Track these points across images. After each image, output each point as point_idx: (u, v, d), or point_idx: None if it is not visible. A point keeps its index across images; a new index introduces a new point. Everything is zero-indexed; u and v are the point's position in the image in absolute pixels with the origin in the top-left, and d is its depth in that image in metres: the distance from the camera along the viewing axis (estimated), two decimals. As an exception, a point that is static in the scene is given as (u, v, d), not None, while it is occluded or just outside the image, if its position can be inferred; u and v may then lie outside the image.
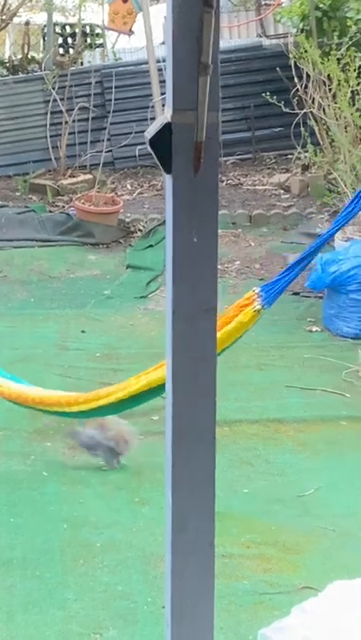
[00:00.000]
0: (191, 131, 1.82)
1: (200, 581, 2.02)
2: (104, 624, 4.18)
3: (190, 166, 1.85)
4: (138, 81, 13.13)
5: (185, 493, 1.99)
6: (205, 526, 2.01)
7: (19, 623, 4.17)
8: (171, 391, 1.98)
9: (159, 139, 1.84)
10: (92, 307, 8.61)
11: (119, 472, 5.54)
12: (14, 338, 7.67)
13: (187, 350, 1.97)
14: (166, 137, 1.83)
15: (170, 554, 2.01)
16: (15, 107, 13.30)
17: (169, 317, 1.96)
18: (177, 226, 1.91)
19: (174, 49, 1.79)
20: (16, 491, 5.30)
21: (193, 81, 1.78)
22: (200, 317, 1.95)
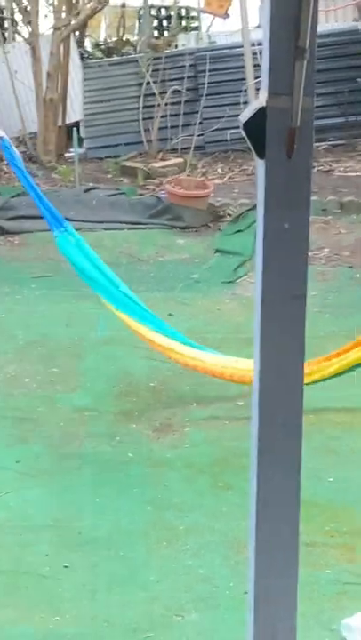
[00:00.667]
0: (286, 116, 1.80)
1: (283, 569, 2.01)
2: (186, 607, 4.19)
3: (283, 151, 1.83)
4: (231, 64, 13.08)
5: (270, 480, 1.98)
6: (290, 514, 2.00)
7: (102, 602, 4.21)
8: (258, 377, 1.96)
9: (253, 123, 1.83)
10: (179, 290, 8.63)
11: (204, 456, 5.55)
12: (102, 320, 7.72)
13: (275, 337, 1.95)
14: (260, 121, 1.82)
15: (253, 540, 2.00)
16: (109, 89, 13.37)
17: (257, 303, 1.95)
18: (268, 211, 1.90)
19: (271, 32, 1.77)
20: (102, 471, 5.35)
21: (289, 65, 1.76)
22: (289, 304, 1.94)
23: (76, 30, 13.79)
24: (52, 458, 5.48)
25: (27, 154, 13.23)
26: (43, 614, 4.10)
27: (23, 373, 6.56)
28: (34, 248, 9.81)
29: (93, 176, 12.57)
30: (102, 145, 13.42)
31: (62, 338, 7.17)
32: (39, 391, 6.33)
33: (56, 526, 4.78)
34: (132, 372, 6.58)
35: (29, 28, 13.12)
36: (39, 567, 4.43)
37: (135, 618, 4.11)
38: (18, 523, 4.79)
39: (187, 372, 6.59)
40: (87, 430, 5.82)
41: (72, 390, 6.27)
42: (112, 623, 4.07)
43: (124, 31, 16.07)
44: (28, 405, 6.11)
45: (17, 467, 5.34)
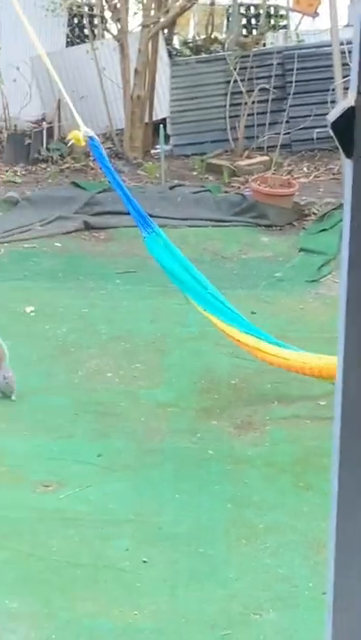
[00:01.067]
0: (375, 115, 1.79)
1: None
2: (264, 605, 4.19)
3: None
4: (319, 63, 12.99)
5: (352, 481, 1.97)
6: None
7: (181, 598, 4.23)
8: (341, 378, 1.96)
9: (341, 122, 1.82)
10: (262, 288, 8.62)
11: (285, 455, 5.54)
12: (186, 316, 7.74)
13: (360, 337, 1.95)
14: (349, 121, 1.81)
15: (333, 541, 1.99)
16: (196, 87, 13.40)
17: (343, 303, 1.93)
18: (355, 211, 1.89)
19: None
20: (182, 468, 5.37)
21: (379, 64, 1.75)
22: (375, 304, 1.92)
23: (164, 28, 13.84)
24: (133, 453, 5.52)
25: (113, 150, 13.33)
26: (122, 608, 4.13)
27: (106, 368, 6.61)
28: (119, 244, 9.89)
29: (179, 173, 12.61)
30: (188, 142, 13.45)
31: (146, 333, 7.21)
32: (122, 386, 6.37)
33: (137, 521, 4.81)
34: (215, 368, 6.59)
35: (118, 26, 13.20)
36: (119, 561, 4.47)
37: (213, 615, 4.12)
38: (99, 516, 4.83)
39: (268, 370, 6.59)
40: (169, 426, 5.85)
41: (155, 386, 6.31)
42: (190, 619, 4.09)
43: (213, 29, 16.06)
44: (110, 400, 6.16)
45: (99, 461, 5.39)
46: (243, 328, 5.81)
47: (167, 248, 5.98)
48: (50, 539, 4.61)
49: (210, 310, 5.90)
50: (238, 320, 5.85)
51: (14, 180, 11.96)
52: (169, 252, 5.99)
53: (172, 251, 5.99)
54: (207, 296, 5.93)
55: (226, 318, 5.87)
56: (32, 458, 5.39)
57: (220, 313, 5.88)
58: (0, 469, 5.23)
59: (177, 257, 5.99)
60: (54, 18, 14.36)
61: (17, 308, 7.64)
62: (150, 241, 5.99)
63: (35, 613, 4.06)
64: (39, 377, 6.43)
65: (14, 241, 9.75)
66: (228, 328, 5.85)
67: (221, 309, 5.89)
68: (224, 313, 5.88)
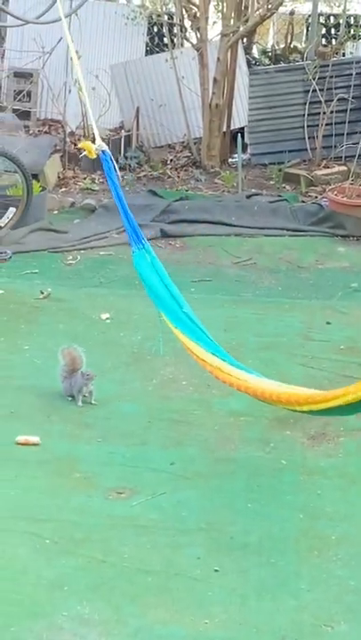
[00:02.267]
0: None
1: None
2: (336, 617, 4.16)
3: None
4: None
5: None
6: None
7: (252, 608, 4.21)
8: None
9: None
10: (338, 299, 8.57)
11: (358, 466, 5.50)
12: (260, 325, 7.74)
13: None
14: None
15: None
16: (274, 96, 13.40)
17: None
18: None
19: None
20: (254, 477, 5.36)
21: None
22: None
23: (243, 37, 13.87)
24: (206, 461, 5.52)
25: (191, 159, 13.39)
26: (192, 617, 4.13)
27: (180, 376, 6.62)
28: (194, 252, 9.91)
29: (256, 182, 12.61)
30: (266, 151, 13.44)
31: (220, 342, 7.17)
32: (195, 394, 6.38)
33: (208, 529, 4.81)
34: (289, 378, 6.54)
35: (198, 35, 13.25)
36: (190, 570, 4.47)
37: (284, 625, 4.10)
38: (170, 524, 4.83)
39: (343, 380, 6.53)
40: (242, 435, 5.84)
41: (228, 394, 6.29)
42: (261, 630, 4.07)
43: (292, 38, 16.05)
44: (183, 408, 6.17)
45: (171, 468, 5.40)
46: (208, 348, 5.83)
47: (153, 265, 6.08)
48: (122, 546, 4.63)
49: (180, 327, 5.95)
50: (205, 340, 5.88)
51: (92, 188, 12.07)
52: (154, 269, 6.08)
53: (157, 268, 6.09)
54: (181, 315, 5.98)
55: (193, 337, 5.89)
56: (105, 465, 5.42)
57: (189, 331, 5.91)
58: (73, 476, 5.26)
59: (160, 274, 6.08)
60: (134, 26, 14.49)
61: (92, 315, 7.70)
62: (138, 256, 6.10)
63: (106, 620, 4.08)
64: (113, 384, 6.47)
65: (91, 248, 9.83)
66: (193, 346, 5.87)
67: (191, 328, 5.93)
68: (193, 332, 5.91)
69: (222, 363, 5.71)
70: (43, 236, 9.98)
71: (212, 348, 5.81)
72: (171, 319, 5.99)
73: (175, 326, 5.97)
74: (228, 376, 5.63)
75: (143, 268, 6.11)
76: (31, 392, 6.29)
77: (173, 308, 6.00)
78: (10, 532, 4.68)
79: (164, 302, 6.04)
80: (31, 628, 3.99)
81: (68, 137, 12.90)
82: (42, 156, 11.60)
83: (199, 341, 5.86)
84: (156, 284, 6.08)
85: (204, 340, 5.87)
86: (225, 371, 5.66)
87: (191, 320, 5.96)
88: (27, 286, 8.39)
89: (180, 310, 5.99)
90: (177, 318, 5.97)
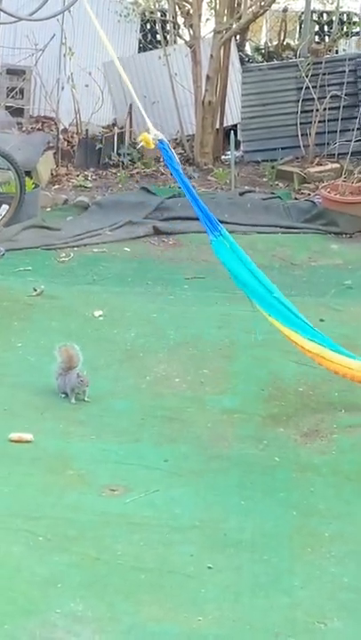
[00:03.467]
0: None
1: None
2: (329, 614, 4.17)
3: None
4: (393, 70, 12.92)
5: None
6: None
7: (245, 605, 4.22)
8: None
9: None
10: (331, 296, 8.58)
11: (351, 463, 5.50)
12: (253, 323, 7.73)
13: None
14: None
15: None
16: (267, 93, 13.40)
17: None
18: None
19: None
20: (248, 474, 5.36)
21: None
22: None
23: (236, 34, 13.86)
24: (199, 458, 5.52)
25: (184, 156, 13.38)
26: (186, 614, 4.13)
27: (173, 374, 6.62)
28: (187, 249, 9.91)
29: (249, 179, 12.62)
30: (259, 148, 13.44)
31: (213, 339, 7.21)
32: (189, 392, 6.38)
33: (202, 527, 4.81)
34: (282, 375, 6.57)
35: (191, 32, 13.24)
36: (184, 567, 4.47)
37: (278, 622, 4.10)
38: (164, 522, 4.84)
39: (336, 378, 6.54)
40: (235, 432, 5.85)
41: (221, 392, 6.31)
42: (254, 627, 4.07)
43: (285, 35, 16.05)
44: (177, 405, 6.17)
45: (165, 466, 5.40)
46: (307, 335, 5.78)
47: (234, 251, 5.97)
48: (115, 543, 4.63)
49: (274, 315, 5.87)
50: (303, 326, 5.81)
51: (85, 185, 12.06)
52: (235, 255, 5.98)
53: (239, 254, 5.98)
54: (273, 301, 5.89)
55: (290, 324, 5.83)
56: (99, 462, 5.42)
57: (284, 318, 5.85)
58: (67, 473, 5.26)
59: (244, 260, 5.98)
60: (127, 23, 14.48)
61: (85, 313, 7.70)
62: (217, 244, 6.00)
63: (99, 617, 4.08)
64: (107, 381, 6.47)
65: (84, 245, 9.83)
66: (292, 334, 5.82)
67: (286, 315, 5.86)
68: (288, 318, 5.85)
69: (324, 349, 5.67)
70: (36, 233, 9.97)
71: (310, 334, 5.76)
72: (263, 307, 5.91)
73: (269, 314, 5.88)
74: (332, 363, 5.61)
75: (224, 255, 6.02)
76: (24, 389, 6.29)
77: (263, 294, 5.92)
78: (3, 530, 4.68)
79: (253, 289, 5.95)
80: (24, 626, 3.99)
81: (61, 134, 12.88)
82: (35, 154, 11.58)
83: (296, 328, 5.80)
84: (241, 271, 5.97)
85: (301, 325, 5.81)
86: (327, 358, 5.64)
87: (284, 305, 5.87)
88: (20, 283, 8.38)
89: (271, 296, 5.91)
90: (269, 305, 5.88)
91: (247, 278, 5.92)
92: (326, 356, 5.64)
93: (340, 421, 5.96)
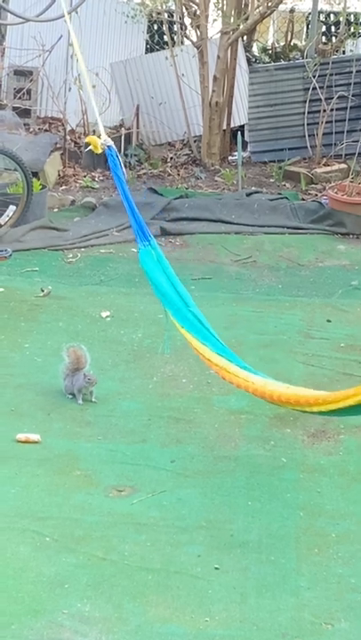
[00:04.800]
0: None
1: None
2: (336, 615, 4.17)
3: None
4: None
5: None
6: None
7: (252, 606, 4.22)
8: None
9: None
10: (338, 296, 8.58)
11: (358, 464, 5.50)
12: (260, 323, 7.74)
13: None
14: None
15: None
16: (274, 94, 13.40)
17: None
18: None
19: None
20: (255, 475, 5.36)
21: None
22: None
23: (243, 35, 13.85)
24: (206, 459, 5.52)
25: (191, 157, 13.39)
26: (193, 614, 4.14)
27: (180, 374, 6.63)
28: (194, 250, 9.91)
29: (256, 180, 12.62)
30: (266, 149, 13.44)
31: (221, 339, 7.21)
32: (196, 392, 6.39)
33: (208, 527, 4.82)
34: (289, 376, 6.56)
35: (198, 33, 13.25)
36: (191, 567, 4.48)
37: (284, 623, 4.11)
38: (171, 522, 4.84)
39: (343, 378, 6.57)
40: (242, 433, 5.85)
41: (228, 392, 6.30)
42: (261, 627, 4.08)
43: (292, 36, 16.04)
44: (184, 406, 6.18)
45: (172, 466, 5.41)
46: (215, 348, 5.80)
47: (159, 262, 6.02)
48: (122, 543, 4.63)
49: (186, 327, 5.91)
50: (212, 340, 5.84)
51: (92, 186, 12.07)
52: (160, 266, 6.03)
53: (164, 266, 6.04)
54: (187, 313, 5.94)
55: (200, 337, 5.86)
56: (105, 462, 5.42)
57: (195, 331, 5.88)
58: (74, 473, 5.27)
59: (167, 273, 6.03)
60: (134, 24, 14.48)
61: (93, 313, 7.71)
62: (144, 253, 6.05)
63: (106, 617, 4.09)
64: (113, 382, 6.48)
65: (91, 246, 9.84)
66: (200, 346, 5.85)
67: (198, 328, 5.89)
68: (199, 332, 5.88)
69: (228, 363, 5.70)
70: (43, 233, 9.98)
71: (218, 349, 5.80)
72: (177, 318, 5.97)
73: (181, 325, 5.94)
74: (235, 377, 5.63)
75: (149, 265, 6.07)
76: (31, 390, 6.30)
77: (180, 306, 5.97)
78: (10, 530, 4.69)
79: (170, 300, 6.01)
80: (31, 626, 4.00)
81: (69, 135, 12.90)
82: (42, 154, 11.60)
83: (205, 341, 5.84)
84: (163, 282, 6.04)
85: (210, 339, 5.85)
86: (231, 371, 5.66)
87: (197, 319, 5.93)
88: (27, 284, 8.40)
89: (187, 309, 5.96)
90: (183, 317, 5.94)
91: (167, 289, 5.98)
92: (230, 369, 5.66)
93: (347, 422, 5.96)
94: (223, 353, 5.77)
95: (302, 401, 5.23)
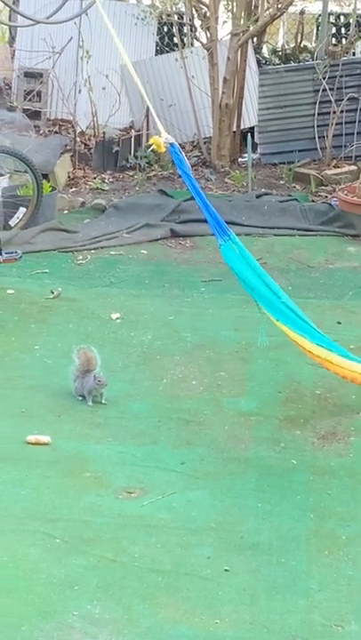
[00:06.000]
0: None
1: None
2: (346, 617, 4.17)
3: None
4: None
5: None
6: None
7: (262, 608, 4.22)
8: None
9: None
10: (348, 298, 8.57)
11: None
12: (270, 325, 7.72)
13: None
14: None
15: None
16: (284, 95, 13.38)
17: None
18: None
19: None
20: (265, 477, 5.36)
21: None
22: None
23: (253, 36, 13.84)
24: (216, 461, 5.52)
25: (201, 158, 13.39)
26: (203, 616, 4.14)
27: (190, 376, 6.63)
28: (204, 251, 9.91)
29: (266, 182, 12.61)
30: (276, 151, 13.43)
31: (230, 342, 7.22)
32: (205, 394, 6.39)
33: (218, 529, 4.82)
34: (299, 378, 6.57)
35: (208, 34, 13.24)
36: (201, 569, 4.48)
37: (294, 625, 4.10)
38: (181, 524, 4.84)
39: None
40: (252, 435, 5.85)
41: (238, 394, 6.31)
42: (271, 629, 4.08)
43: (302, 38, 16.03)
44: (194, 408, 6.18)
45: (182, 468, 5.41)
46: (315, 340, 5.76)
47: (243, 256, 5.96)
48: (132, 545, 4.64)
49: (282, 320, 5.86)
50: (311, 331, 5.79)
51: (102, 188, 12.07)
52: (244, 260, 5.97)
53: (248, 259, 5.97)
54: (280, 305, 5.88)
55: (298, 328, 5.81)
56: (116, 464, 5.43)
57: (292, 323, 5.83)
58: (84, 475, 5.27)
59: (252, 265, 5.97)
60: (144, 26, 14.49)
61: (103, 315, 7.71)
62: (226, 249, 5.99)
63: (116, 619, 4.09)
64: (123, 384, 6.48)
65: (101, 248, 9.84)
66: (299, 338, 5.81)
67: (294, 320, 5.84)
68: (296, 323, 5.83)
69: (331, 354, 5.66)
70: (53, 235, 9.99)
71: (318, 339, 5.75)
72: (271, 312, 5.90)
73: (277, 319, 5.88)
74: (340, 368, 5.60)
75: (233, 260, 6.01)
76: (42, 391, 6.31)
77: (271, 299, 5.91)
78: (21, 532, 4.69)
79: (260, 294, 5.94)
80: (42, 628, 4.00)
81: (79, 137, 12.90)
82: (52, 156, 11.61)
83: (304, 333, 5.80)
84: (250, 276, 5.97)
85: (308, 330, 5.80)
86: (335, 362, 5.63)
87: (292, 310, 5.87)
88: (37, 286, 8.41)
89: (279, 301, 5.90)
90: (277, 310, 5.88)
91: (255, 283, 5.91)
92: (334, 360, 5.63)
93: (358, 424, 5.95)
94: (324, 343, 5.72)
95: None
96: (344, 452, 5.67)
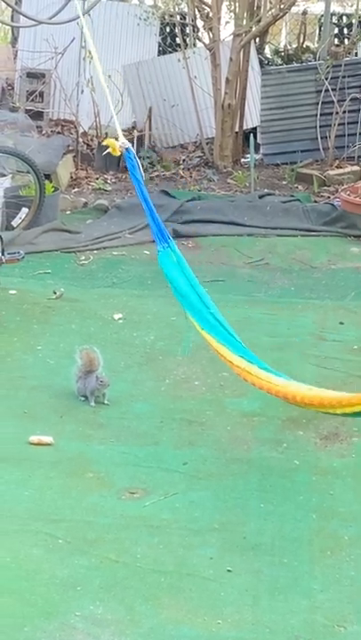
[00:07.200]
0: None
1: None
2: (349, 618, 4.16)
3: None
4: None
5: None
6: None
7: (264, 608, 4.21)
8: None
9: None
10: (351, 299, 8.57)
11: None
12: (273, 325, 7.74)
13: None
14: None
15: None
16: (287, 96, 13.39)
17: None
18: None
19: None
20: (267, 477, 5.36)
21: None
22: None
23: (256, 37, 13.85)
24: (219, 461, 5.52)
25: (203, 159, 13.39)
26: (205, 617, 4.13)
27: (193, 376, 6.63)
28: (207, 252, 9.91)
29: (269, 182, 12.61)
30: (278, 151, 13.43)
31: (233, 342, 7.21)
32: (208, 395, 6.38)
33: (221, 529, 4.81)
34: (301, 378, 6.53)
35: (210, 35, 13.25)
36: (203, 570, 4.47)
37: (297, 626, 4.10)
38: (183, 524, 4.84)
39: (356, 380, 6.55)
40: (255, 435, 5.85)
41: (241, 395, 6.30)
42: (273, 630, 4.07)
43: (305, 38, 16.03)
44: (196, 408, 6.18)
45: (184, 469, 5.40)
46: (236, 351, 5.79)
47: (179, 264, 6.03)
48: (135, 546, 4.64)
49: (207, 329, 5.91)
50: (233, 342, 5.83)
51: (104, 188, 12.08)
52: (180, 268, 6.03)
53: (183, 268, 6.04)
54: (208, 315, 5.93)
55: (221, 339, 5.85)
56: (118, 465, 5.42)
57: (215, 332, 5.87)
58: (87, 476, 5.27)
59: (186, 274, 6.04)
60: (147, 27, 14.50)
61: (105, 315, 7.72)
62: (163, 255, 6.07)
63: (119, 620, 4.09)
64: (126, 384, 6.48)
65: (103, 248, 9.85)
66: (221, 348, 5.84)
67: (218, 330, 5.89)
68: (220, 334, 5.87)
69: (250, 365, 5.68)
70: (55, 236, 9.99)
71: (239, 350, 5.78)
72: (197, 319, 5.95)
73: (202, 327, 5.93)
74: (258, 379, 5.61)
75: (169, 267, 6.07)
76: (44, 392, 6.31)
77: (200, 308, 5.96)
78: (23, 532, 4.69)
79: (190, 303, 6.00)
80: (44, 628, 4.00)
81: (81, 137, 12.91)
82: (54, 157, 11.61)
83: (226, 343, 5.83)
84: (182, 284, 6.03)
85: (230, 341, 5.83)
86: (253, 373, 5.64)
87: (218, 321, 5.91)
88: (39, 286, 8.41)
89: (207, 310, 5.95)
90: (203, 319, 5.93)
91: (187, 291, 5.98)
92: (252, 371, 5.65)
93: (360, 424, 5.94)
94: (244, 354, 5.75)
95: (326, 402, 5.22)
96: (347, 452, 5.67)
